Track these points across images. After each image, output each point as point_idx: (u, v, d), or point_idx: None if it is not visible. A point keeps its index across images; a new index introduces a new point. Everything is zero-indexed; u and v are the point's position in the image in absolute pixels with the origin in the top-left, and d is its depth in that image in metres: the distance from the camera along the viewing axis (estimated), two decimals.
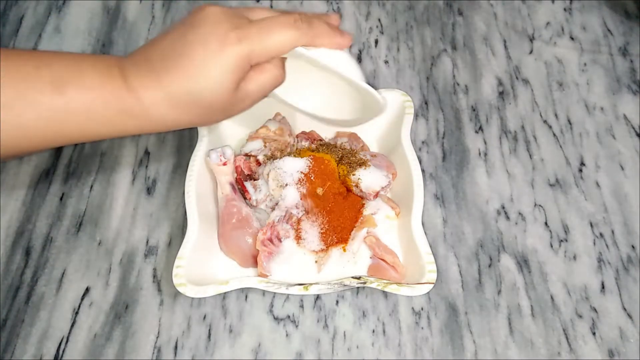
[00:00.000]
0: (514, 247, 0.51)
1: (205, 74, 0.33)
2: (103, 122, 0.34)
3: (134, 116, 0.34)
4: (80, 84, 0.33)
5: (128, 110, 0.34)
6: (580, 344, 0.46)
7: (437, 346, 0.46)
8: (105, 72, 0.34)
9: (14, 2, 0.65)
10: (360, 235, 0.48)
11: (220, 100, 0.34)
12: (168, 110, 0.34)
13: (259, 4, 0.66)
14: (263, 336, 0.46)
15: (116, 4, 0.66)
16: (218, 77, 0.33)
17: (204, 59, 0.33)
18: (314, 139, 0.54)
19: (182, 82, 0.33)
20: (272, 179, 0.48)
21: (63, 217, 0.51)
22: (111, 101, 0.33)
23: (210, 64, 0.33)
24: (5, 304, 0.47)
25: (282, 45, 0.34)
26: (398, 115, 0.52)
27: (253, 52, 0.33)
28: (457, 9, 0.67)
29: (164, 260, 0.49)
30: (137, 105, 0.34)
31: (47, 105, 0.32)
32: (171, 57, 0.33)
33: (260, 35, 0.34)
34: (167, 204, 0.52)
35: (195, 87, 0.33)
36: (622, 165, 0.56)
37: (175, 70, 0.33)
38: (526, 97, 0.60)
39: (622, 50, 0.64)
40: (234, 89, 0.34)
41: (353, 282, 0.42)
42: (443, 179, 0.54)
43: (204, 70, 0.33)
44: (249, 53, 0.33)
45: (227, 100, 0.35)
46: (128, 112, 0.34)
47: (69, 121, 0.33)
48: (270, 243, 0.46)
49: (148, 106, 0.34)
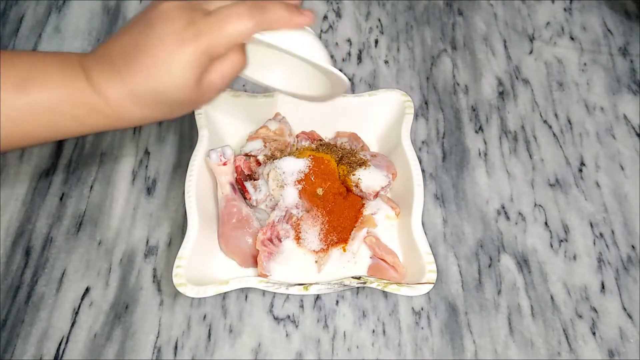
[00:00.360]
0: (514, 247, 0.51)
1: (167, 73, 0.33)
2: (70, 119, 0.34)
3: (101, 113, 0.34)
4: (43, 82, 0.33)
5: (94, 107, 0.34)
6: (580, 344, 0.46)
7: (437, 346, 0.46)
8: (69, 71, 0.34)
9: (14, 2, 0.65)
10: (360, 235, 0.48)
11: (184, 96, 0.34)
12: (134, 107, 0.35)
13: None
14: (263, 336, 0.46)
15: (116, 4, 0.66)
16: (180, 74, 0.33)
17: (164, 58, 0.33)
18: (314, 139, 0.54)
19: (144, 81, 0.33)
20: (272, 179, 0.48)
21: (63, 217, 0.51)
22: (76, 99, 0.34)
23: (170, 63, 0.33)
24: (5, 304, 0.47)
25: (238, 36, 0.34)
26: (398, 115, 0.52)
27: (211, 46, 0.33)
28: (457, 9, 0.67)
29: (164, 260, 0.49)
30: (103, 103, 0.34)
31: (12, 104, 0.33)
32: (132, 54, 0.33)
33: (215, 28, 0.33)
34: (167, 204, 0.52)
35: (158, 86, 0.33)
36: (622, 165, 0.56)
37: (137, 68, 0.33)
38: (526, 97, 0.60)
39: (622, 50, 0.64)
40: (196, 83, 0.34)
41: (353, 282, 0.42)
42: (443, 179, 0.54)
43: (165, 69, 0.33)
44: (207, 48, 0.33)
45: (191, 94, 0.35)
46: (95, 109, 0.34)
47: (36, 120, 0.33)
48: (270, 243, 0.46)
49: (113, 103, 0.34)
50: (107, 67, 0.34)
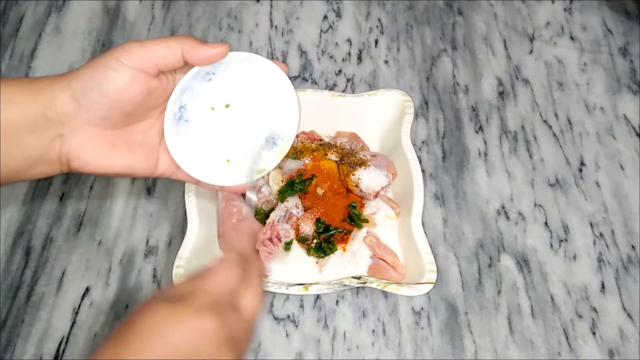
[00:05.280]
0: (514, 247, 0.51)
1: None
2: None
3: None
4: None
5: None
6: (580, 344, 0.46)
7: (437, 346, 0.46)
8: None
9: (14, 2, 0.65)
10: (360, 235, 0.48)
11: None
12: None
13: (259, 3, 0.66)
14: (263, 336, 0.46)
15: (116, 4, 0.66)
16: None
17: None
18: (314, 139, 0.54)
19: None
20: (272, 179, 0.48)
21: (63, 217, 0.51)
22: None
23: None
24: (5, 304, 0.47)
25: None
26: (398, 115, 0.52)
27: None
28: (457, 9, 0.66)
29: (164, 260, 0.49)
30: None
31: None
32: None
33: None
34: (167, 204, 0.52)
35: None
36: (622, 165, 0.56)
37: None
38: (526, 97, 0.60)
39: (622, 50, 0.64)
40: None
41: (353, 282, 0.42)
42: (443, 179, 0.54)
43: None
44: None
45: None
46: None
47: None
48: (270, 243, 0.46)
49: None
50: None
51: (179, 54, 0.34)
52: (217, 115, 0.40)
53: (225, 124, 0.40)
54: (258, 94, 0.40)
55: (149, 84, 0.34)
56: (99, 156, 0.35)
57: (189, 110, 0.38)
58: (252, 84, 0.39)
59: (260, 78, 0.39)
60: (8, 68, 0.60)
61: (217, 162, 0.40)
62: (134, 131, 0.37)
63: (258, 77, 0.39)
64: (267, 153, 0.41)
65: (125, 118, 0.35)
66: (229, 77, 0.38)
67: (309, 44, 0.64)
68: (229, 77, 0.38)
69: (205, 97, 0.39)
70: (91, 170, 0.35)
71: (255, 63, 0.38)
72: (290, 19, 0.65)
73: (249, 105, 0.40)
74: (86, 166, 0.35)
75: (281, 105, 0.40)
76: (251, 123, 0.41)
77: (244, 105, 0.40)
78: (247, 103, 0.40)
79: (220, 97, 0.39)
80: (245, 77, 0.39)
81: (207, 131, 0.40)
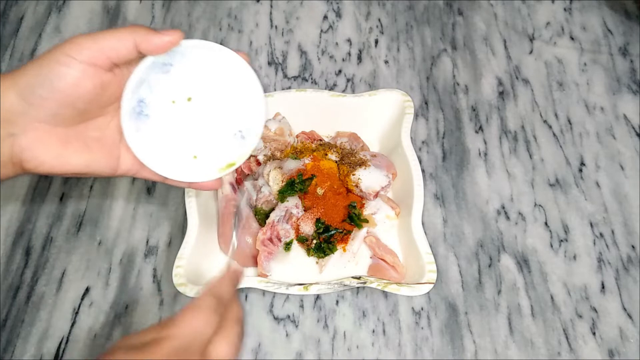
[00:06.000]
0: (514, 247, 0.51)
1: None
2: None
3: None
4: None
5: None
6: (580, 344, 0.46)
7: (437, 346, 0.46)
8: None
9: (14, 2, 0.65)
10: (360, 235, 0.48)
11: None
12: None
13: (259, 3, 0.66)
14: (263, 336, 0.46)
15: (116, 4, 0.66)
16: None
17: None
18: (314, 138, 0.54)
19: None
20: (272, 179, 0.48)
21: (63, 217, 0.51)
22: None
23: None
24: (5, 304, 0.47)
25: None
26: (398, 115, 0.52)
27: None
28: (457, 9, 0.66)
29: (164, 260, 0.49)
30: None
31: None
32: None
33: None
34: (167, 204, 0.52)
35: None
36: (622, 165, 0.56)
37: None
38: (526, 97, 0.60)
39: (622, 50, 0.64)
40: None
41: (353, 282, 0.42)
42: (443, 179, 0.54)
43: None
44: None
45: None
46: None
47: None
48: (270, 243, 0.46)
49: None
50: None
51: (131, 45, 0.33)
52: (179, 109, 0.38)
53: (188, 118, 0.39)
54: (221, 86, 0.38)
55: (102, 78, 0.33)
56: (52, 155, 0.33)
57: (149, 104, 0.37)
58: (214, 75, 0.38)
59: (221, 69, 0.37)
60: (8, 68, 0.60)
61: (184, 157, 0.39)
62: (90, 128, 0.35)
63: (220, 67, 0.37)
64: (236, 146, 0.39)
65: (78, 115, 0.34)
66: (188, 68, 0.37)
67: (309, 44, 0.64)
68: (188, 69, 0.37)
69: (164, 90, 0.37)
70: (46, 171, 0.34)
71: (216, 53, 0.36)
72: (290, 19, 0.65)
73: (212, 97, 0.39)
74: (40, 166, 0.33)
75: (246, 96, 0.38)
76: (216, 116, 0.39)
77: (207, 98, 0.39)
78: (210, 96, 0.39)
79: (181, 90, 0.38)
80: (206, 68, 0.37)
81: (169, 126, 0.38)
